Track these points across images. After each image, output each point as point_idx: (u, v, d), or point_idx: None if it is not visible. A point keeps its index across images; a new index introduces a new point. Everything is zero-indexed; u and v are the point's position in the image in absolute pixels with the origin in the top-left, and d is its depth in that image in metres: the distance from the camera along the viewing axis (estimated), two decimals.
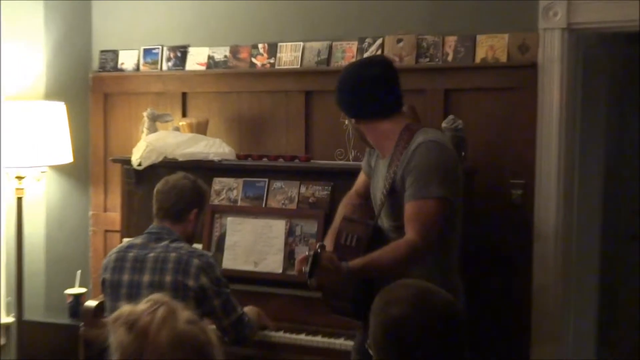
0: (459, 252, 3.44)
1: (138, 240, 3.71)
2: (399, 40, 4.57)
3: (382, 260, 3.16)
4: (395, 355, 2.04)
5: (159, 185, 3.76)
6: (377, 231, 3.35)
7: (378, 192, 3.39)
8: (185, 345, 2.00)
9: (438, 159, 3.22)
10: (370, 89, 3.35)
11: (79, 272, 5.00)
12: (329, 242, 3.41)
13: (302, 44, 4.82)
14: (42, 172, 4.91)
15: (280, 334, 3.95)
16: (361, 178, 3.72)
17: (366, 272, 3.15)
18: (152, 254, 3.59)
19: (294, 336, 3.94)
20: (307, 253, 3.10)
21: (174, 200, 3.69)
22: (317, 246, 3.08)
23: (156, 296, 2.11)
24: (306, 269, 3.03)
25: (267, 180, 4.40)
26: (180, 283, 3.50)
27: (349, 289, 3.25)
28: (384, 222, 3.38)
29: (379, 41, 4.63)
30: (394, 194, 3.27)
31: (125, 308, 2.08)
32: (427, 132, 3.35)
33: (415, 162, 3.21)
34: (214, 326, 3.54)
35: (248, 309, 3.85)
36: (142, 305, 2.06)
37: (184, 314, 2.05)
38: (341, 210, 3.71)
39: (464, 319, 2.09)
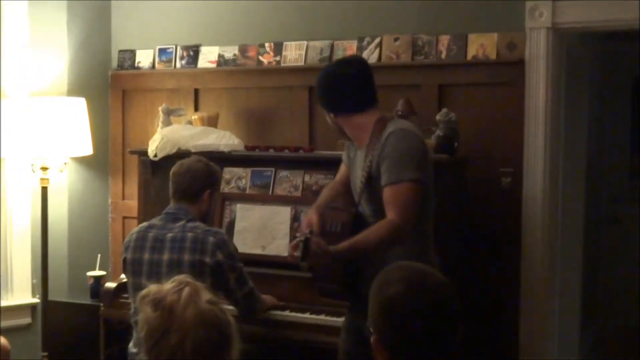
0: (434, 230, 3.43)
1: (157, 220, 3.70)
2: (396, 39, 4.56)
3: (367, 241, 3.17)
4: (391, 333, 2.03)
5: (174, 168, 3.74)
6: (359, 217, 3.37)
7: (357, 181, 3.40)
8: (207, 324, 2.01)
9: (408, 145, 3.24)
10: (347, 86, 3.38)
11: (99, 255, 5.00)
12: (314, 217, 3.43)
13: (305, 42, 4.81)
14: (65, 163, 4.91)
15: (287, 313, 3.94)
16: (342, 169, 3.73)
17: (353, 253, 3.17)
18: (170, 234, 3.58)
19: (299, 315, 3.91)
20: (297, 239, 3.12)
21: (189, 182, 3.67)
22: (307, 232, 3.11)
23: (181, 277, 2.11)
24: (298, 253, 3.05)
25: (273, 169, 4.38)
26: (197, 261, 3.50)
27: (337, 272, 3.27)
28: (364, 207, 3.39)
29: (377, 40, 4.61)
30: (371, 181, 3.29)
31: (152, 287, 2.09)
32: (398, 122, 3.39)
33: (388, 150, 3.22)
34: (229, 307, 3.53)
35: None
36: (168, 285, 2.07)
37: (206, 294, 2.07)
38: (325, 192, 3.72)
39: (457, 301, 2.07)
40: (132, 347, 3.67)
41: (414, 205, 3.19)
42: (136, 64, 5.31)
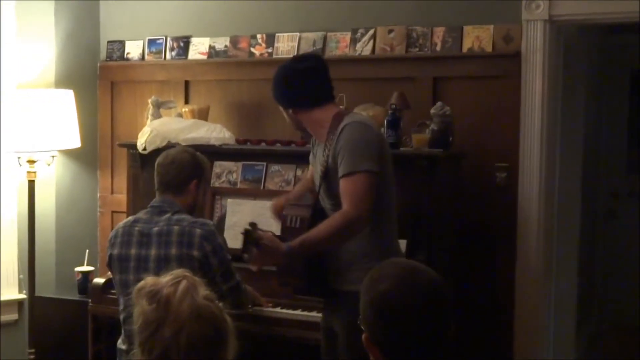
0: (397, 220, 3.42)
1: (142, 214, 3.66)
2: (390, 31, 4.54)
3: (319, 233, 3.18)
4: (383, 330, 2.02)
5: (159, 159, 3.70)
6: (320, 212, 3.37)
7: (317, 176, 3.42)
8: (203, 319, 2.00)
9: (361, 137, 3.25)
10: (303, 81, 3.41)
11: (87, 250, 4.98)
12: (279, 201, 3.61)
13: (298, 34, 4.79)
14: (52, 156, 4.89)
15: (278, 309, 3.93)
16: (310, 169, 3.73)
17: (306, 247, 3.17)
18: (156, 228, 3.54)
19: (290, 312, 3.91)
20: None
21: (174, 173, 3.63)
22: (248, 224, 3.09)
23: (178, 271, 2.11)
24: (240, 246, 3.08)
25: (265, 163, 4.37)
26: (185, 254, 3.47)
27: (298, 267, 3.27)
28: (325, 202, 3.40)
29: (371, 32, 4.59)
30: (329, 174, 3.31)
31: (148, 279, 2.08)
32: (353, 115, 3.43)
33: (342, 143, 3.24)
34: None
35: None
36: (165, 278, 2.07)
37: (203, 289, 2.06)
38: (298, 187, 3.81)
39: (449, 297, 2.06)
40: (120, 344, 3.64)
41: (368, 195, 3.19)
42: (125, 55, 5.28)
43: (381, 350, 2.03)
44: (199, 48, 5.07)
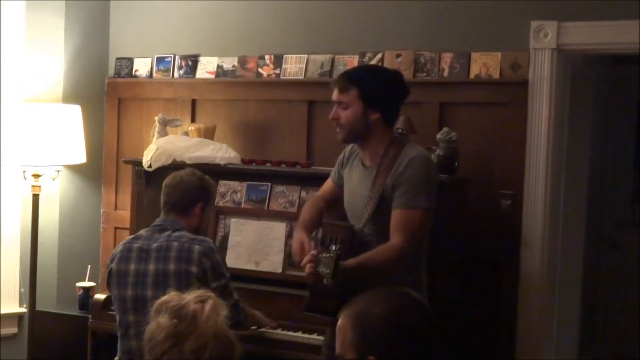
0: (430, 250, 3.52)
1: (143, 232, 3.68)
2: (398, 55, 4.56)
3: (375, 261, 3.25)
4: (392, 348, 2.00)
5: (167, 180, 3.73)
6: (358, 235, 3.38)
7: (358, 199, 3.42)
8: (221, 340, 2.04)
9: (429, 174, 3.36)
10: (402, 95, 3.48)
11: (89, 266, 4.98)
12: (304, 237, 3.48)
13: (306, 56, 4.80)
14: (57, 170, 4.90)
15: (279, 331, 3.92)
16: (328, 185, 3.75)
17: (360, 271, 3.21)
18: (155, 244, 3.56)
19: (291, 333, 3.90)
20: (321, 254, 3.09)
21: (180, 194, 3.65)
22: (337, 249, 3.07)
23: (202, 291, 2.13)
24: (327, 270, 3.03)
25: (269, 184, 4.37)
26: (183, 270, 3.48)
27: (337, 288, 3.24)
28: (367, 227, 3.40)
29: (379, 55, 4.61)
30: (383, 202, 3.34)
31: (172, 294, 2.11)
32: (416, 147, 3.47)
33: (409, 174, 3.30)
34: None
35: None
36: (190, 295, 2.09)
37: (223, 312, 2.09)
38: (307, 209, 3.71)
39: (436, 316, 2.09)
40: None
41: (420, 232, 3.31)
42: (133, 72, 5.30)
43: None
44: (207, 67, 5.09)
